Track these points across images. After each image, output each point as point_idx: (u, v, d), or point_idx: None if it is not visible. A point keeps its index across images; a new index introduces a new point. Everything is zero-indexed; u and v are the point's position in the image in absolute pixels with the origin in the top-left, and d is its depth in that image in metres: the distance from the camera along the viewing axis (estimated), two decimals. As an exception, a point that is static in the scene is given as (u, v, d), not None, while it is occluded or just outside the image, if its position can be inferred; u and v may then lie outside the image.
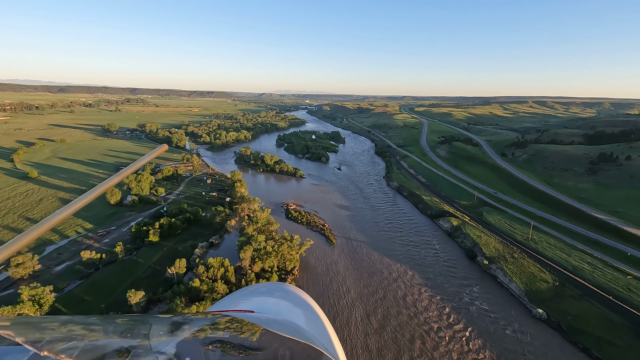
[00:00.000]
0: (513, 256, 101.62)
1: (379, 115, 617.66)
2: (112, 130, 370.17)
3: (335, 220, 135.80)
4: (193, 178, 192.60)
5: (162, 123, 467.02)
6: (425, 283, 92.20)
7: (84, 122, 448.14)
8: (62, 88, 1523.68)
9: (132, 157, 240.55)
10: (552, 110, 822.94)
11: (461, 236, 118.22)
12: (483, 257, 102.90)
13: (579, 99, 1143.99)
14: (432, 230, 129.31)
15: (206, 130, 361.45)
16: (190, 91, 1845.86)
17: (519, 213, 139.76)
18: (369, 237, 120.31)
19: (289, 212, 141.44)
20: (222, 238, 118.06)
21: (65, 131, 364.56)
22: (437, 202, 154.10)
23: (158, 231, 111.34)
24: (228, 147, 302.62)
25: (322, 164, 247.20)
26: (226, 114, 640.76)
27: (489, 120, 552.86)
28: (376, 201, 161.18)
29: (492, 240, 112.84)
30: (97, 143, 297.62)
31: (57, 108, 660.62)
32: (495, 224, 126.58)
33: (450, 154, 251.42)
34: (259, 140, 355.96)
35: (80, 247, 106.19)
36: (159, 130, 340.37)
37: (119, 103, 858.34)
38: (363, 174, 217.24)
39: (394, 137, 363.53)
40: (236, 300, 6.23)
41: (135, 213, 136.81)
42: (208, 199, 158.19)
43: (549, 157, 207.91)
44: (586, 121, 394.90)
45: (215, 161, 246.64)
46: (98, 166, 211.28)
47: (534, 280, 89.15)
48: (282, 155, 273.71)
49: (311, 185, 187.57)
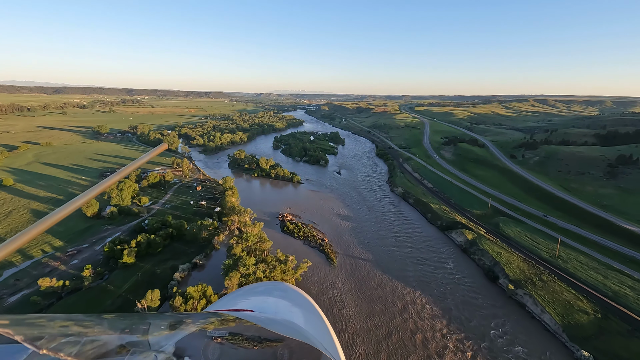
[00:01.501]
0: (541, 279, 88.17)
1: (379, 115, 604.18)
2: (103, 132, 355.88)
3: (336, 233, 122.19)
4: (182, 184, 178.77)
5: (156, 124, 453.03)
6: (440, 315, 78.54)
7: (75, 124, 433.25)
8: (57, 89, 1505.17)
9: (120, 162, 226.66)
10: (554, 108, 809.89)
11: (478, 252, 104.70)
12: (507, 280, 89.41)
13: (580, 97, 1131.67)
14: (444, 244, 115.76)
15: (200, 132, 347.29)
16: (187, 91, 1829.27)
17: (539, 224, 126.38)
18: (373, 254, 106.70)
19: (284, 224, 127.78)
20: (208, 257, 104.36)
21: (54, 133, 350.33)
22: (447, 211, 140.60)
23: (134, 250, 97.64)
24: (222, 149, 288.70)
25: (321, 167, 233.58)
26: (223, 114, 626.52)
27: (492, 119, 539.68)
28: (380, 210, 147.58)
29: (514, 257, 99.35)
30: (84, 146, 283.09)
31: (49, 109, 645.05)
32: (515, 238, 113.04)
33: (456, 156, 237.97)
34: (255, 142, 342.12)
35: (44, 270, 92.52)
36: (151, 132, 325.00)
37: (114, 104, 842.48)
38: (364, 178, 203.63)
39: (395, 138, 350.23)
40: (235, 299, 6.16)
41: (113, 227, 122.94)
42: (196, 209, 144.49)
43: (562, 160, 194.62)
44: (593, 120, 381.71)
45: (207, 165, 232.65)
46: (81, 172, 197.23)
47: (571, 311, 75.70)
48: (278, 158, 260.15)
49: (309, 191, 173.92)
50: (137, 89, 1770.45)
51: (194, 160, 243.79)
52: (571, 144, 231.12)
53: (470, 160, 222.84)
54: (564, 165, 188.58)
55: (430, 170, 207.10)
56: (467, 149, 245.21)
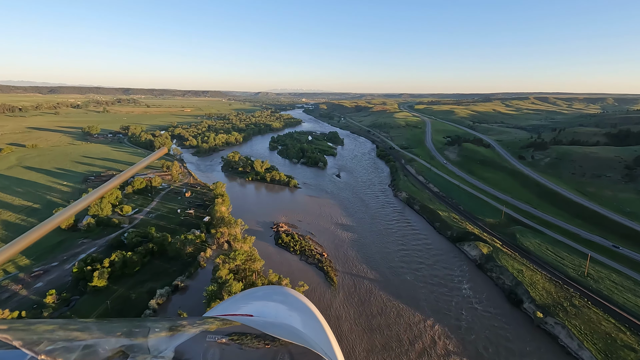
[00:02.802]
0: (573, 303, 76.73)
1: (378, 113, 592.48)
2: (93, 133, 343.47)
3: (336, 246, 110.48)
4: (170, 190, 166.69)
5: (149, 125, 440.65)
6: (458, 351, 66.82)
7: (66, 125, 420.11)
8: (53, 89, 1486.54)
9: (107, 165, 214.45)
10: (555, 106, 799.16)
11: (496, 269, 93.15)
12: (533, 305, 77.90)
13: (581, 95, 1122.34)
14: (456, 258, 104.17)
15: (194, 133, 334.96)
16: (184, 91, 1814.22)
17: (559, 234, 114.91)
18: (378, 272, 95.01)
19: (279, 235, 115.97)
20: (192, 276, 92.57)
21: (43, 135, 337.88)
22: (456, 219, 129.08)
23: (107, 271, 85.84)
24: (216, 151, 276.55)
25: (320, 169, 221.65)
26: (219, 114, 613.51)
27: (493, 117, 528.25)
28: (384, 219, 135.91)
29: (538, 277, 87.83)
30: (72, 148, 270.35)
31: (42, 110, 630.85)
32: (535, 252, 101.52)
33: (461, 157, 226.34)
34: (251, 143, 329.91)
35: (1, 296, 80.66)
36: (142, 133, 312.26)
37: (109, 104, 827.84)
38: (365, 182, 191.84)
39: (396, 138, 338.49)
40: (235, 304, 6.17)
41: (89, 241, 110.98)
42: (183, 218, 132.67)
43: (576, 161, 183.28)
44: (599, 118, 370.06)
45: (199, 168, 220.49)
46: (64, 177, 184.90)
47: (614, 347, 64.30)
48: (275, 159, 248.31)
49: (307, 197, 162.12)
50: (134, 89, 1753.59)
51: (186, 162, 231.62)
52: (582, 143, 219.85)
53: (477, 161, 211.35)
54: (578, 167, 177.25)
55: (436, 172, 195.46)
56: (473, 149, 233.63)
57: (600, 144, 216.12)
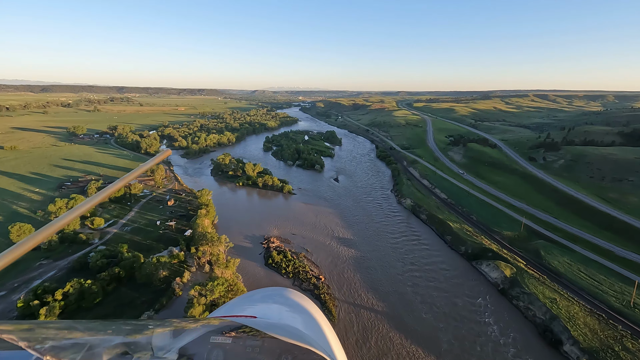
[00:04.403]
0: (625, 347, 62.76)
1: (377, 112, 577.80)
2: (79, 133, 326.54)
3: (335, 267, 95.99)
4: (152, 198, 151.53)
5: (140, 124, 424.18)
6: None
7: (53, 125, 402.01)
8: (45, 87, 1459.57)
9: (88, 169, 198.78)
10: (555, 104, 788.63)
11: (523, 298, 79.04)
12: (576, 349, 63.83)
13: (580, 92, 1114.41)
14: (475, 282, 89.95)
15: (185, 133, 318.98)
16: (180, 89, 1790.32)
17: (589, 250, 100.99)
18: (384, 301, 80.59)
19: (269, 253, 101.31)
20: (164, 309, 77.77)
21: (26, 135, 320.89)
22: (470, 231, 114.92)
23: (59, 305, 71.05)
24: (207, 152, 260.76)
25: (316, 173, 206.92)
26: (214, 112, 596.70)
27: (495, 115, 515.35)
28: (388, 231, 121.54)
29: (575, 308, 73.77)
30: (53, 150, 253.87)
31: (30, 109, 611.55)
32: (566, 274, 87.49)
33: (467, 159, 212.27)
34: (244, 143, 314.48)
35: None
36: (128, 134, 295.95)
37: (101, 102, 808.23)
38: (366, 187, 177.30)
39: (396, 138, 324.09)
40: (238, 306, 6.14)
41: (49, 262, 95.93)
42: (162, 232, 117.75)
43: (592, 163, 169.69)
44: (606, 116, 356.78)
45: (187, 172, 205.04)
46: (37, 183, 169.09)
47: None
48: (269, 161, 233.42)
49: (302, 205, 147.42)
50: (128, 87, 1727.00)
51: (173, 165, 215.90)
52: (596, 143, 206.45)
53: (484, 163, 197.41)
54: (596, 170, 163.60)
55: (441, 176, 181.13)
56: (479, 150, 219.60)
57: (615, 144, 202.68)
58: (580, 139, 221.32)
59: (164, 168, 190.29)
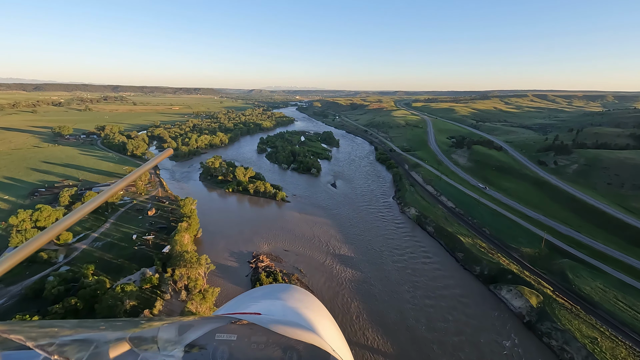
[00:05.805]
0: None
1: (375, 111, 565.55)
2: (64, 134, 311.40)
3: (334, 294, 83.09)
4: (132, 206, 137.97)
5: (130, 124, 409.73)
6: None
7: (40, 124, 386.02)
8: (38, 86, 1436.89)
9: (67, 174, 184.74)
10: (555, 104, 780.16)
11: (556, 335, 66.53)
12: (632, 410, 51.29)
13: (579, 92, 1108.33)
14: (495, 311, 77.40)
15: (175, 133, 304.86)
16: (176, 88, 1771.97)
17: (622, 272, 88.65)
18: (392, 341, 67.79)
19: (257, 275, 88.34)
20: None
21: (9, 136, 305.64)
22: (484, 248, 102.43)
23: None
24: (198, 154, 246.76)
25: (312, 177, 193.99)
26: (208, 112, 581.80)
27: (495, 116, 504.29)
28: (392, 246, 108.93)
29: (622, 351, 61.55)
30: (34, 152, 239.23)
31: (19, 108, 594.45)
32: (603, 304, 75.12)
33: (473, 163, 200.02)
34: (238, 144, 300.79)
35: None
36: (116, 134, 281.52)
37: (93, 101, 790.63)
38: (366, 193, 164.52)
39: (396, 139, 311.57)
40: (243, 302, 6.15)
41: (1, 287, 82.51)
42: (138, 247, 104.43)
43: (609, 168, 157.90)
44: (610, 117, 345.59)
45: (174, 176, 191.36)
46: (9, 189, 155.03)
47: None
48: (263, 164, 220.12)
49: (296, 215, 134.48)
50: (123, 86, 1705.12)
51: (160, 169, 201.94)
52: (609, 146, 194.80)
53: (492, 167, 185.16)
54: (614, 176, 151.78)
55: (447, 182, 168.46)
56: (485, 153, 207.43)
57: (630, 147, 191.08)
58: (592, 142, 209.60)
59: (148, 172, 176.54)
